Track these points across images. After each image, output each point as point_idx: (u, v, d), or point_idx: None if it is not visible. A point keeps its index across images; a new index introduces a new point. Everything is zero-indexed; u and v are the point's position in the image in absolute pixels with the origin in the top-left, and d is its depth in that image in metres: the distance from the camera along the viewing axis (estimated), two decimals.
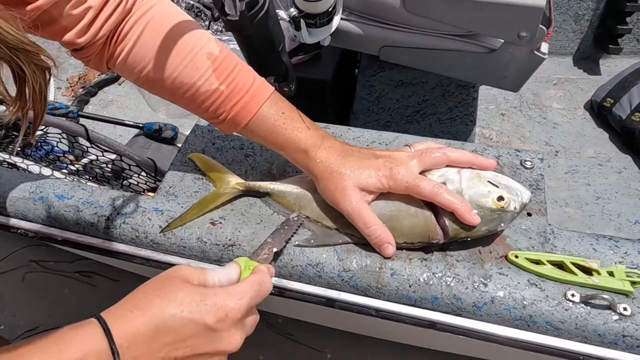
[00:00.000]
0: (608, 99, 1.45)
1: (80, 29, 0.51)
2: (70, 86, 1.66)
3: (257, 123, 0.56)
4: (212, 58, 0.55)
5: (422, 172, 0.56)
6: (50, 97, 1.59)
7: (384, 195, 0.56)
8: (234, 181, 0.63)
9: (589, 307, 0.50)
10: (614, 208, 1.27)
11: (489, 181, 0.55)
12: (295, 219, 0.59)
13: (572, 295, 0.51)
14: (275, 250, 0.55)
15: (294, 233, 0.58)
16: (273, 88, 0.58)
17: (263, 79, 0.58)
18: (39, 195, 0.65)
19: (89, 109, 1.61)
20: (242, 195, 0.64)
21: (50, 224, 0.65)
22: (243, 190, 0.63)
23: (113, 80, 1.68)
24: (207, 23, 1.65)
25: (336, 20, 0.84)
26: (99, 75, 1.71)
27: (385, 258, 0.55)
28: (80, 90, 1.63)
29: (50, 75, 0.41)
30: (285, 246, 0.57)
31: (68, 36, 0.51)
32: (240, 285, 0.45)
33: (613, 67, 1.62)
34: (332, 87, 1.14)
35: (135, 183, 0.89)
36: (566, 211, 1.28)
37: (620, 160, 1.39)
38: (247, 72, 0.57)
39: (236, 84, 0.55)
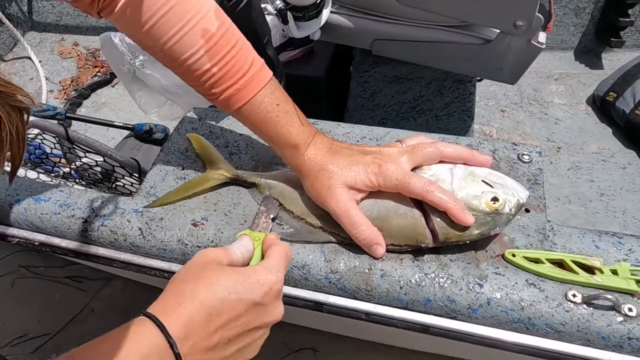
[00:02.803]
0: (611, 93, 1.43)
1: None
2: (63, 89, 1.64)
3: (249, 110, 0.54)
4: (207, 36, 0.51)
5: (414, 169, 0.54)
6: (42, 99, 1.57)
7: (372, 193, 0.54)
8: (224, 167, 0.63)
9: (591, 308, 0.48)
10: (619, 205, 1.24)
11: (483, 180, 0.52)
12: (269, 194, 0.60)
13: (574, 295, 0.48)
14: (272, 216, 0.55)
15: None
16: (271, 73, 0.55)
17: (262, 61, 0.55)
18: (15, 198, 0.63)
19: (81, 111, 1.59)
20: (229, 183, 0.63)
21: (26, 227, 0.63)
22: (231, 178, 0.62)
23: (106, 82, 1.66)
24: None
25: (325, 14, 0.81)
26: (92, 77, 1.68)
27: (375, 259, 0.53)
28: (73, 92, 1.60)
29: (28, 115, 0.38)
30: (278, 213, 0.57)
31: None
32: (272, 258, 0.45)
33: (615, 60, 1.59)
34: (326, 84, 1.12)
35: (122, 185, 0.87)
36: (569, 208, 1.25)
37: (624, 155, 1.36)
38: (246, 54, 0.53)
39: (230, 67, 0.52)
